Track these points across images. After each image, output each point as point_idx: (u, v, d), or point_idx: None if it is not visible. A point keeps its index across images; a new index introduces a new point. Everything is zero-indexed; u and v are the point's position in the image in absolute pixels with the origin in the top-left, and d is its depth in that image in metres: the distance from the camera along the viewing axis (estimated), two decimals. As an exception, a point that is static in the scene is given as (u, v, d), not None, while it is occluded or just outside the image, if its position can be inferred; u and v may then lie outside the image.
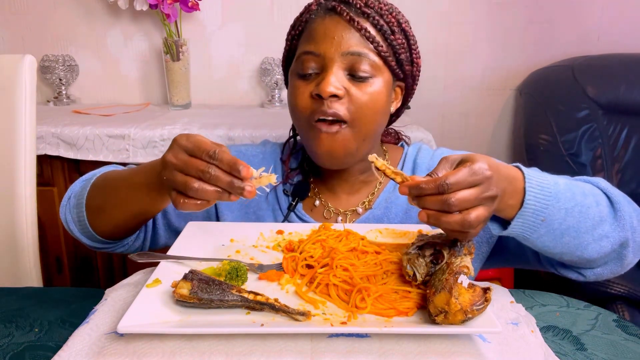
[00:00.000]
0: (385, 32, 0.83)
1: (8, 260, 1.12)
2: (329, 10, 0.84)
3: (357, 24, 0.81)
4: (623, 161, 1.89)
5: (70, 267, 1.81)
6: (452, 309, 0.55)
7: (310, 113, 0.83)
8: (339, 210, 0.94)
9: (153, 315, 0.57)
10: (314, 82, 0.83)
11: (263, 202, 0.96)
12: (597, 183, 0.77)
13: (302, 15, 0.88)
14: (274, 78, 2.02)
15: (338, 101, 0.81)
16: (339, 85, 0.81)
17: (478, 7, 2.06)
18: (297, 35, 0.88)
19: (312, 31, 0.84)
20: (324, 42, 0.82)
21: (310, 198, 0.96)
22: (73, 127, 1.66)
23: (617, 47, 2.06)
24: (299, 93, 0.84)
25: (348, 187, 0.95)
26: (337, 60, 0.81)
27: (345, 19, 0.82)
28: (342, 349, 0.55)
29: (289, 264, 0.71)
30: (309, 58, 0.83)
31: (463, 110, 2.18)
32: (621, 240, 0.73)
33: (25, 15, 2.07)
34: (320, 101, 0.81)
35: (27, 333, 0.66)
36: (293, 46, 0.89)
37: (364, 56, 0.81)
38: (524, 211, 0.66)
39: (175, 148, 0.64)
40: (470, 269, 0.61)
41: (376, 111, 0.84)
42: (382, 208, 0.93)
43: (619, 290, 1.38)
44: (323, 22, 0.83)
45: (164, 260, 0.69)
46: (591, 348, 0.64)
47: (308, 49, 0.83)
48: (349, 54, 0.81)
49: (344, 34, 0.81)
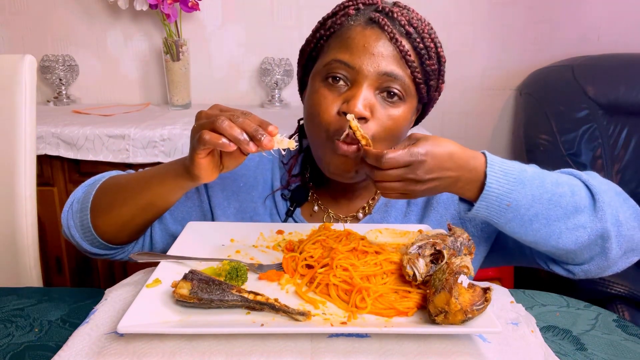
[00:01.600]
0: (423, 56, 0.79)
1: (8, 260, 1.12)
2: (371, 21, 0.78)
3: (400, 44, 0.77)
4: (623, 161, 1.89)
5: (70, 267, 1.81)
6: (452, 309, 0.55)
7: (333, 130, 0.77)
8: (339, 216, 0.92)
9: (153, 315, 0.57)
10: (342, 95, 0.78)
11: (260, 207, 0.94)
12: (579, 175, 0.77)
13: (335, 17, 0.82)
14: (274, 78, 2.02)
15: (363, 122, 0.76)
16: (368, 107, 0.76)
17: (478, 7, 2.06)
18: (327, 37, 0.82)
19: (348, 39, 0.78)
20: (362, 55, 0.76)
21: (309, 203, 0.94)
22: (73, 127, 1.67)
23: (617, 47, 2.06)
24: (326, 104, 0.78)
25: (349, 193, 0.92)
26: (371, 78, 0.76)
27: (388, 36, 0.77)
28: (342, 349, 0.55)
29: (289, 264, 0.71)
30: (342, 67, 0.77)
31: (463, 110, 2.18)
32: (600, 232, 0.72)
33: (25, 15, 2.07)
34: (345, 119, 0.75)
35: (27, 333, 0.66)
36: (320, 45, 0.83)
37: (399, 79, 0.77)
38: (486, 195, 0.70)
39: (209, 108, 0.71)
40: (470, 268, 0.61)
41: (396, 135, 0.80)
42: (382, 212, 0.92)
43: (619, 290, 1.38)
44: (363, 33, 0.77)
45: (164, 260, 0.69)
46: (591, 348, 0.64)
47: (343, 59, 0.77)
48: (385, 74, 0.76)
49: (384, 52, 0.76)
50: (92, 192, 0.85)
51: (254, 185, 0.94)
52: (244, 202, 0.93)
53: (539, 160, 1.89)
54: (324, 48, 0.83)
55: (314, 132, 0.82)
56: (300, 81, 0.91)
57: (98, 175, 0.91)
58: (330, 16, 0.83)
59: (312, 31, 0.85)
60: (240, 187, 0.94)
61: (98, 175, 0.91)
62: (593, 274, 0.79)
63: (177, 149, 1.67)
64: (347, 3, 0.83)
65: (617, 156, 1.89)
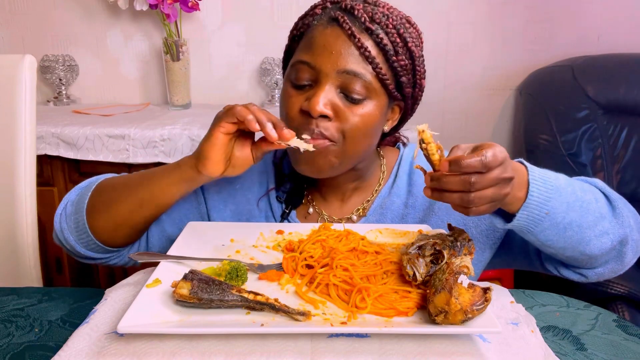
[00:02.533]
0: (388, 52, 0.78)
1: (8, 260, 1.12)
2: (332, 20, 0.78)
3: (358, 41, 0.76)
4: (623, 161, 1.89)
5: (70, 267, 1.81)
6: (452, 309, 0.55)
7: (297, 125, 0.79)
8: (333, 218, 0.92)
9: (153, 315, 0.57)
10: (307, 94, 0.79)
11: (255, 210, 0.93)
12: (594, 182, 0.79)
13: (305, 17, 0.83)
14: (274, 78, 2.02)
15: (326, 121, 0.77)
16: (329, 105, 0.77)
17: (478, 7, 2.06)
18: (298, 37, 0.84)
19: (311, 39, 0.79)
20: (321, 55, 0.77)
21: (304, 205, 0.93)
22: (73, 127, 1.67)
23: (617, 47, 2.06)
24: (291, 103, 0.80)
25: (340, 195, 0.92)
26: (332, 77, 0.77)
27: (346, 34, 0.76)
28: (342, 349, 0.55)
29: (289, 264, 0.71)
30: (304, 68, 0.78)
31: (463, 110, 2.18)
32: (621, 237, 0.75)
33: (25, 15, 2.07)
34: (308, 117, 0.77)
35: (27, 333, 0.66)
36: (293, 47, 0.85)
37: (360, 77, 0.76)
38: (529, 203, 0.68)
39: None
40: (470, 269, 0.61)
41: (365, 133, 0.80)
42: (377, 214, 0.91)
43: (619, 290, 1.38)
44: (324, 33, 0.78)
45: (163, 260, 0.69)
46: (591, 348, 0.64)
47: (304, 59, 0.79)
48: (344, 72, 0.76)
49: (342, 50, 0.76)
50: (87, 193, 0.85)
51: (249, 187, 0.94)
52: (239, 204, 0.93)
53: (539, 160, 1.89)
54: (295, 49, 0.84)
55: None
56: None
57: (92, 178, 0.91)
58: (302, 17, 0.84)
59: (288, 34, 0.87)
60: (237, 189, 0.94)
61: (92, 178, 0.91)
62: (605, 277, 0.81)
63: (177, 149, 1.67)
64: (317, 3, 0.84)
65: (617, 156, 1.89)
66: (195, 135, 1.66)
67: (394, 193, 0.91)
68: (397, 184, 0.92)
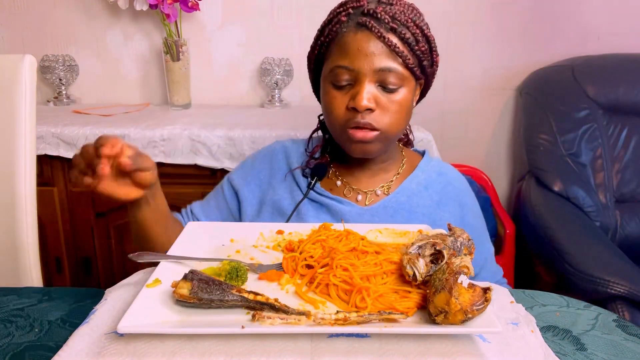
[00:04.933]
0: (411, 44, 0.89)
1: (8, 260, 1.12)
2: (360, 25, 0.89)
3: (388, 41, 0.87)
4: (623, 161, 1.89)
5: (70, 267, 1.81)
6: (452, 309, 0.55)
7: (345, 121, 0.91)
8: (360, 190, 1.02)
9: (153, 315, 0.57)
10: (348, 93, 0.90)
11: (279, 186, 1.03)
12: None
13: (331, 24, 0.93)
14: (274, 78, 2.02)
15: (371, 113, 0.89)
16: (372, 99, 0.89)
17: (478, 7, 2.06)
18: (327, 43, 0.94)
19: (344, 45, 0.90)
20: (357, 58, 0.88)
21: (331, 180, 1.04)
22: (73, 127, 1.66)
23: (617, 47, 2.06)
24: (336, 104, 0.92)
25: (368, 172, 1.03)
26: (370, 75, 0.88)
27: (376, 36, 0.87)
28: (342, 349, 0.55)
29: (289, 264, 0.71)
30: (343, 72, 0.90)
31: (463, 110, 2.18)
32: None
33: (25, 15, 2.07)
34: (355, 112, 0.89)
35: (27, 333, 0.66)
36: (322, 51, 0.95)
37: (393, 70, 0.89)
38: None
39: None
40: (470, 268, 0.61)
41: (403, 116, 0.93)
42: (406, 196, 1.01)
43: (619, 290, 1.38)
44: (355, 38, 0.89)
45: (164, 260, 0.69)
46: (591, 348, 0.64)
47: (343, 64, 0.90)
48: (380, 70, 0.88)
49: (375, 51, 0.88)
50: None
51: (273, 174, 1.06)
52: (266, 191, 1.05)
53: (539, 160, 1.89)
54: (326, 54, 0.95)
55: (331, 126, 0.96)
56: (312, 82, 1.04)
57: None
58: (327, 24, 0.94)
59: (314, 39, 0.97)
60: (262, 179, 1.06)
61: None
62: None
63: (177, 149, 1.67)
64: (338, 9, 0.93)
65: (617, 156, 1.89)
66: (195, 135, 1.66)
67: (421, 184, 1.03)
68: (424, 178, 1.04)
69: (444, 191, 1.03)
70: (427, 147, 1.65)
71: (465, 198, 1.05)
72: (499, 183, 2.22)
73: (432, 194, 1.02)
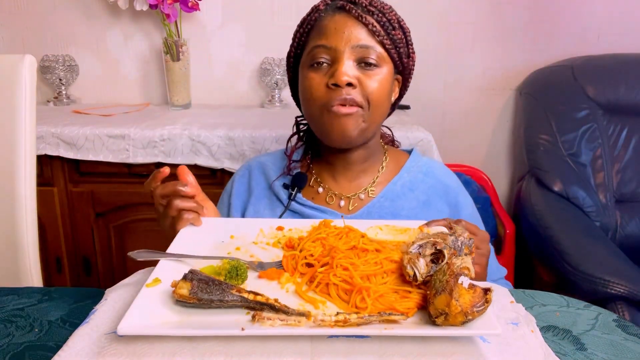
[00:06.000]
0: (388, 27, 0.92)
1: (8, 260, 1.12)
2: (338, 8, 0.92)
3: (365, 20, 0.90)
4: (623, 161, 1.89)
5: (70, 267, 1.81)
6: (452, 311, 0.55)
7: (326, 100, 0.90)
8: (342, 194, 1.00)
9: (153, 316, 0.57)
10: (327, 73, 0.90)
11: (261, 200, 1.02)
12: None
13: (310, 15, 0.95)
14: (274, 78, 2.02)
15: (352, 89, 0.89)
16: (352, 75, 0.89)
17: (478, 7, 2.06)
18: (306, 33, 0.95)
19: (322, 27, 0.92)
20: (335, 36, 0.90)
21: (312, 187, 1.03)
22: (73, 127, 1.66)
23: (617, 47, 2.06)
24: (314, 84, 0.91)
25: (349, 175, 1.01)
26: (348, 53, 0.89)
27: (353, 16, 0.90)
28: (342, 349, 0.55)
29: (289, 262, 0.70)
30: (321, 51, 0.91)
31: (463, 110, 2.18)
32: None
33: (25, 15, 2.07)
34: (336, 90, 0.89)
35: (27, 333, 0.66)
36: (301, 43, 0.97)
37: (371, 48, 0.90)
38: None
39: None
40: (470, 269, 0.61)
41: (384, 96, 0.93)
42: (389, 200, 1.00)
43: (619, 290, 1.38)
44: (333, 19, 0.91)
45: (163, 258, 0.69)
46: (591, 348, 0.64)
47: (320, 43, 0.91)
48: (358, 46, 0.89)
49: (353, 29, 0.90)
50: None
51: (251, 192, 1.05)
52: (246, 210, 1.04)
53: (539, 160, 1.89)
54: (305, 44, 0.96)
55: (311, 111, 0.94)
56: (291, 83, 1.04)
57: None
58: (306, 17, 0.97)
59: (293, 35, 0.98)
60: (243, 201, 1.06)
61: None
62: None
63: (177, 149, 1.67)
64: (318, 2, 0.96)
65: (617, 156, 1.89)
66: (195, 135, 1.66)
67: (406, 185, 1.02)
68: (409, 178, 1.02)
69: (431, 190, 1.01)
70: (427, 147, 1.65)
71: (457, 197, 1.02)
72: (499, 183, 2.22)
73: (418, 195, 1.00)
